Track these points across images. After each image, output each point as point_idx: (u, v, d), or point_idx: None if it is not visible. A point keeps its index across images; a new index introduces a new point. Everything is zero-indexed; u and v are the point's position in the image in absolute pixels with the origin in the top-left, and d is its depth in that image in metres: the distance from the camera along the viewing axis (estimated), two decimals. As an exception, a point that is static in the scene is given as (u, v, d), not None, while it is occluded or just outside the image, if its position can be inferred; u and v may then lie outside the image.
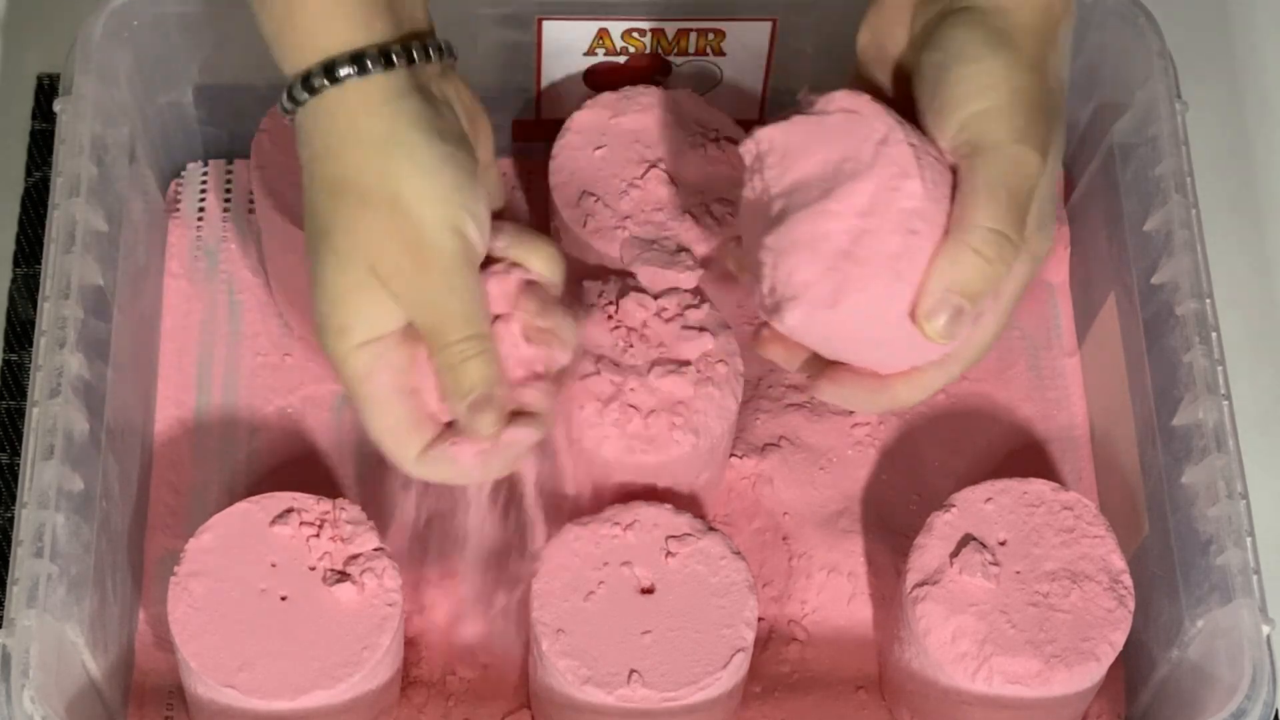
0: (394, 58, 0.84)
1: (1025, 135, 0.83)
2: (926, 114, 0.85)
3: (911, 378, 0.87)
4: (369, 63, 0.83)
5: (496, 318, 0.88)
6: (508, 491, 0.95)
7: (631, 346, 0.99)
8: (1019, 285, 0.86)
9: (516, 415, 0.88)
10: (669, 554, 0.95)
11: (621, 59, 1.10)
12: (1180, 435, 0.98)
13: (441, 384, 0.87)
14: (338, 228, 0.84)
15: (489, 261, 0.88)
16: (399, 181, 0.84)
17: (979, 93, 0.84)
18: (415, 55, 0.85)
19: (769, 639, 1.02)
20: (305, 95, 0.84)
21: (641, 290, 1.01)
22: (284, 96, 0.85)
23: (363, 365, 0.86)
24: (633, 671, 0.92)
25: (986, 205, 0.83)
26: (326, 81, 0.83)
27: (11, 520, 1.00)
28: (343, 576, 0.93)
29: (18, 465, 0.95)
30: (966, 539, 0.95)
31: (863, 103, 0.85)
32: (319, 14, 0.84)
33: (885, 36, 0.88)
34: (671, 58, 1.10)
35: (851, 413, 1.07)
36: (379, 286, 0.85)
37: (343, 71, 0.83)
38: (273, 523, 0.94)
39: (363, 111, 0.84)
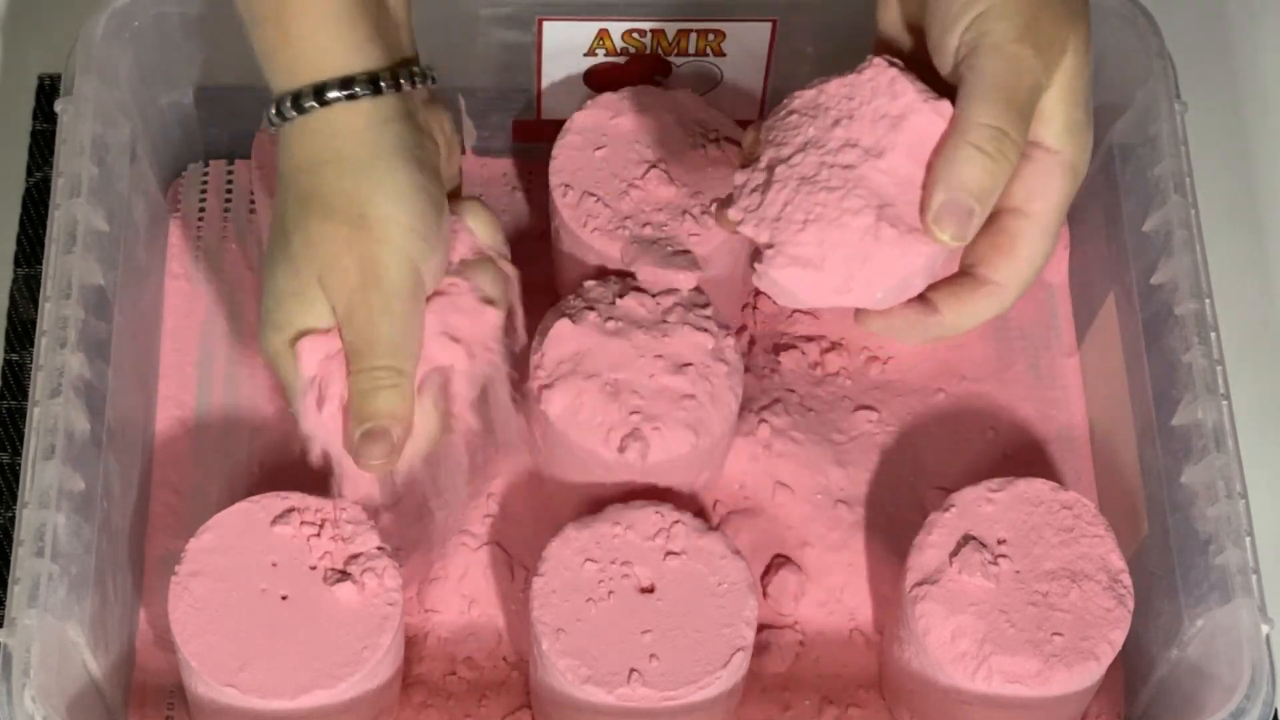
0: (382, 84, 0.86)
1: (1024, 35, 0.83)
2: (934, 28, 0.85)
3: (960, 303, 0.87)
4: (358, 88, 0.86)
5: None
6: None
7: (631, 346, 0.99)
8: (1059, 199, 0.86)
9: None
10: (669, 554, 0.95)
11: (622, 59, 1.10)
12: (1179, 435, 0.98)
13: (350, 404, 0.89)
14: (298, 234, 0.87)
15: None
16: (368, 203, 0.86)
17: None
18: (402, 82, 0.87)
19: (769, 639, 1.02)
20: (293, 114, 0.86)
21: (641, 290, 1.01)
22: (271, 110, 0.87)
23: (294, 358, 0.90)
24: (633, 670, 0.92)
25: (982, 102, 0.83)
26: (315, 103, 0.86)
27: (12, 520, 1.00)
28: (343, 576, 0.93)
29: (18, 465, 0.95)
30: (966, 538, 0.95)
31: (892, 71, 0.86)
32: (311, 37, 0.86)
33: None
34: (671, 58, 1.10)
35: (852, 412, 1.07)
36: (321, 297, 0.88)
37: (332, 95, 0.86)
38: (273, 522, 0.94)
39: (347, 134, 0.86)
